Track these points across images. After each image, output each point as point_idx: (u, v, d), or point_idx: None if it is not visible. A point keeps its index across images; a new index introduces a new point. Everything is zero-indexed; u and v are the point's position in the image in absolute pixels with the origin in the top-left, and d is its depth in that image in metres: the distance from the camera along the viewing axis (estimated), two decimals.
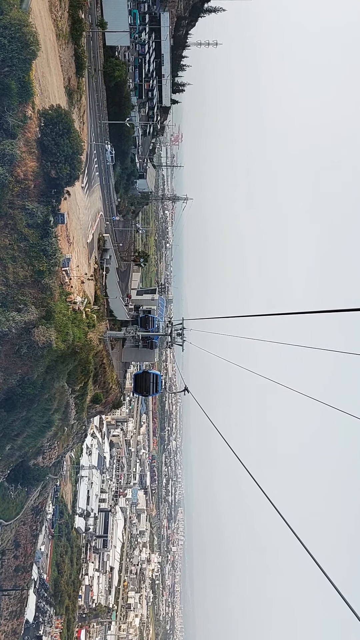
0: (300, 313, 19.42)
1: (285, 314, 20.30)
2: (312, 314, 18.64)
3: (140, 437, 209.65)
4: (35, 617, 79.18)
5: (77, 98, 42.95)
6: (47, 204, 32.99)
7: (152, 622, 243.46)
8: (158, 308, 78.79)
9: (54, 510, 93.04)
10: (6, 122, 29.67)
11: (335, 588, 13.00)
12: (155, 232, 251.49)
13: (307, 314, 18.94)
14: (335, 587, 13.02)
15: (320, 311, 17.97)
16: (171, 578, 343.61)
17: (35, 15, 31.90)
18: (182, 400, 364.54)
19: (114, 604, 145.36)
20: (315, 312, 18.40)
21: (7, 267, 31.35)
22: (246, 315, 28.32)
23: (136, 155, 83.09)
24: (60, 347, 34.51)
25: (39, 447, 48.19)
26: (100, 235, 56.22)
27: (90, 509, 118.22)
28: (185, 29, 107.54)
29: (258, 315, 25.70)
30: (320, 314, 18.10)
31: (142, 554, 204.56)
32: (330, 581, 13.42)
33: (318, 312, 18.18)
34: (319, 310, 18.04)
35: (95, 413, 73.16)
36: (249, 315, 27.87)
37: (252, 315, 27.08)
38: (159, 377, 50.44)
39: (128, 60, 77.24)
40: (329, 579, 13.49)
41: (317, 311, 18.31)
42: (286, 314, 20.25)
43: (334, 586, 13.11)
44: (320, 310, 17.91)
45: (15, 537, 63.59)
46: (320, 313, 17.96)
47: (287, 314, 20.23)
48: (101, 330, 46.67)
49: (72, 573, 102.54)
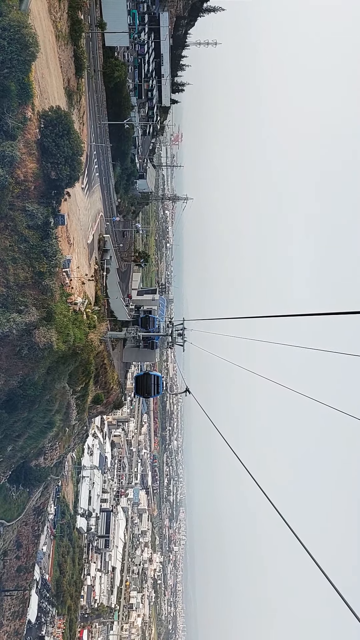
0: (301, 315, 19.45)
1: (287, 316, 20.33)
2: (313, 316, 18.67)
3: (142, 437, 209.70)
4: (37, 617, 79.18)
5: (77, 99, 42.95)
6: (48, 205, 33.02)
7: (155, 622, 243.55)
8: (159, 308, 78.83)
9: (55, 511, 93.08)
10: (6, 124, 29.68)
11: (335, 588, 13.03)
12: (156, 232, 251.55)
13: (308, 316, 18.97)
14: (335, 586, 13.05)
15: (321, 314, 18.00)
16: (173, 578, 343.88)
17: (34, 17, 31.91)
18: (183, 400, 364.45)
19: (116, 604, 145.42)
20: (316, 314, 18.43)
21: (8, 269, 31.37)
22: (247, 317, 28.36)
23: (136, 155, 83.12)
24: (61, 348, 34.55)
25: (40, 448, 48.23)
26: (100, 236, 56.25)
27: (92, 509, 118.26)
28: (184, 29, 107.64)
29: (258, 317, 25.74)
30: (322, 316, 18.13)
31: (144, 553, 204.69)
32: (330, 581, 13.45)
33: (318, 314, 18.21)
34: (320, 313, 18.07)
35: (96, 413, 73.27)
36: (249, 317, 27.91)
37: (252, 317, 27.12)
38: (160, 379, 50.59)
39: (127, 61, 77.29)
40: (328, 578, 13.51)
41: (317, 314, 18.34)
42: (287, 316, 20.28)
43: (333, 586, 13.14)
44: (321, 313, 17.94)
45: (17, 538, 63.68)
46: (320, 315, 18.00)
47: (288, 316, 20.26)
48: (102, 331, 46.76)
49: (74, 573, 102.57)
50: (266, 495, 18.04)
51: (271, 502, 17.44)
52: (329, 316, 17.17)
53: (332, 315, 17.21)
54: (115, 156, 65.64)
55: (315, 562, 14.13)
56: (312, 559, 14.31)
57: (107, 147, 60.36)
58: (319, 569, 13.84)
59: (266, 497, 17.93)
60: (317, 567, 13.92)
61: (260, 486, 18.90)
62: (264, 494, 18.16)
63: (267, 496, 17.94)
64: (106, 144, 59.72)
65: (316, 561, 14.14)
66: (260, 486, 18.90)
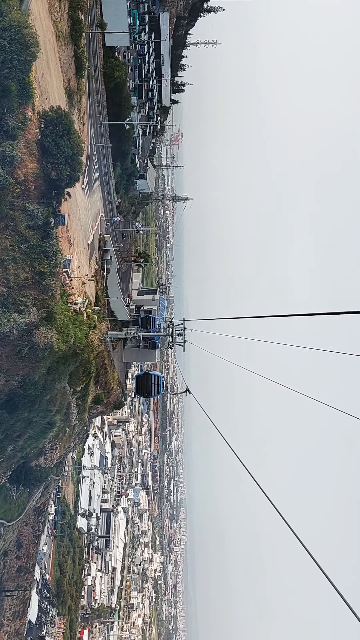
0: (300, 315, 19.46)
1: (287, 316, 20.34)
2: (312, 315, 18.68)
3: (142, 437, 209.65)
4: (37, 617, 79.17)
5: (77, 99, 42.97)
6: (48, 205, 33.03)
7: (155, 622, 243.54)
8: (159, 308, 78.87)
9: (56, 511, 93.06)
10: (6, 124, 29.70)
11: (335, 588, 13.03)
12: (156, 233, 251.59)
13: (308, 315, 18.98)
14: (335, 586, 13.06)
15: (320, 313, 18.00)
16: (173, 578, 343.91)
17: (34, 17, 31.93)
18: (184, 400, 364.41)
19: (117, 604, 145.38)
20: (316, 314, 18.43)
21: (8, 269, 31.39)
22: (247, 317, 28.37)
23: (136, 155, 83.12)
24: (61, 348, 34.56)
25: (40, 448, 48.24)
26: (100, 236, 56.26)
27: (92, 509, 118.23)
28: (184, 29, 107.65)
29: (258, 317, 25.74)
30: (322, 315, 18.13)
31: (144, 554, 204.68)
32: (330, 581, 13.46)
33: (318, 314, 18.22)
34: (319, 313, 18.09)
35: (96, 413, 73.27)
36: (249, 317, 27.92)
37: (252, 317, 27.12)
38: (160, 379, 50.64)
39: (128, 61, 77.30)
40: (328, 578, 13.52)
41: (317, 313, 18.34)
42: (287, 316, 20.29)
43: (334, 586, 13.14)
44: (320, 313, 17.96)
45: (18, 538, 63.69)
46: (320, 315, 18.00)
47: (288, 316, 20.27)
48: (102, 331, 46.78)
49: (75, 573, 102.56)
50: (266, 494, 18.04)
51: (271, 501, 17.45)
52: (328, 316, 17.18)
53: (331, 316, 17.22)
54: (116, 156, 65.65)
55: (315, 562, 14.13)
56: (312, 558, 14.31)
57: (107, 147, 60.38)
58: (319, 568, 13.84)
59: (266, 496, 17.94)
60: (317, 567, 13.93)
61: (260, 486, 18.91)
62: (264, 493, 18.17)
63: (267, 496, 17.95)
64: (106, 144, 59.73)
65: (316, 561, 14.15)
66: (260, 486, 18.91)
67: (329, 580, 13.44)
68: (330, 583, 13.33)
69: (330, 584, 13.30)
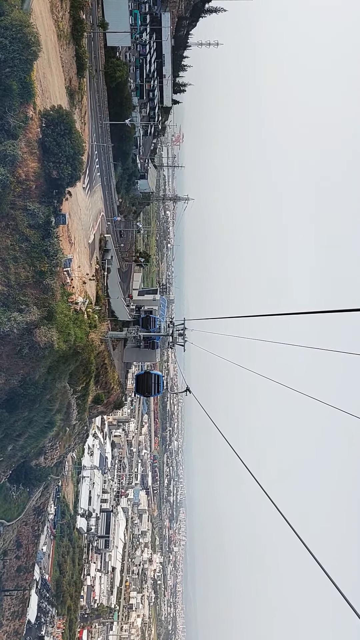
0: (300, 313, 19.43)
1: (287, 314, 20.32)
2: (312, 314, 18.65)
3: (142, 437, 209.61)
4: (37, 617, 79.13)
5: (79, 99, 42.97)
6: (49, 205, 33.01)
7: (154, 623, 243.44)
8: (159, 308, 78.87)
9: (55, 511, 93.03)
10: (7, 123, 29.69)
11: (336, 587, 13.01)
12: (157, 233, 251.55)
13: (308, 314, 18.95)
14: (337, 585, 13.04)
15: (321, 311, 17.98)
16: (173, 578, 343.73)
17: (36, 16, 31.93)
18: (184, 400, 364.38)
19: (116, 604, 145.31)
20: (315, 312, 18.41)
21: (9, 268, 31.37)
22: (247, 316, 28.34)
23: (137, 155, 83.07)
24: (61, 347, 34.54)
25: (40, 448, 48.22)
26: (101, 236, 56.25)
27: (92, 509, 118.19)
28: (186, 29, 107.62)
29: (258, 316, 25.72)
30: (323, 314, 18.11)
31: (144, 554, 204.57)
32: (331, 580, 13.43)
33: (318, 312, 18.19)
34: (319, 311, 18.06)
35: (96, 413, 73.26)
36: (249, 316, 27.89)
37: (253, 316, 27.10)
38: (161, 378, 50.69)
39: (129, 61, 77.27)
40: (330, 577, 13.50)
41: (317, 311, 18.31)
42: (287, 315, 20.26)
43: (335, 585, 13.12)
44: (320, 311, 17.93)
45: (17, 538, 63.64)
46: (320, 313, 17.97)
47: (288, 315, 20.25)
48: (103, 331, 46.78)
49: (74, 573, 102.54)
50: (267, 494, 18.02)
51: (272, 501, 17.43)
52: (328, 316, 17.16)
53: (331, 316, 17.19)
54: (117, 156, 65.64)
55: (317, 561, 14.11)
56: (314, 557, 14.29)
57: (108, 147, 60.38)
58: (321, 568, 13.82)
59: (267, 495, 17.92)
60: (319, 566, 13.91)
61: (261, 485, 18.89)
62: (264, 493, 18.15)
63: (267, 495, 17.93)
64: (107, 144, 59.73)
65: (317, 560, 14.13)
66: (261, 485, 18.89)
67: (330, 580, 13.42)
68: (331, 582, 13.31)
69: (331, 583, 13.28)
